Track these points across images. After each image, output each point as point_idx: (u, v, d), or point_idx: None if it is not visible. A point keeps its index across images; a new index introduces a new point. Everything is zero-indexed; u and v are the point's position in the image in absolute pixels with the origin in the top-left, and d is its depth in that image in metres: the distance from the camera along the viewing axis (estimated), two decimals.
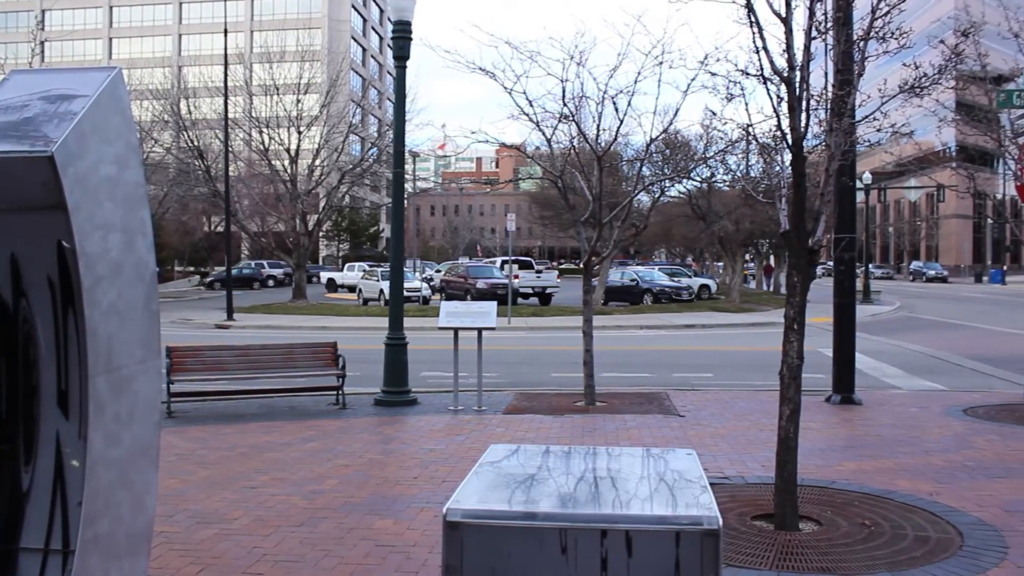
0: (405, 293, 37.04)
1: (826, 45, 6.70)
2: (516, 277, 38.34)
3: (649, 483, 2.96)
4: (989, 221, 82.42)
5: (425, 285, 40.14)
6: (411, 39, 12.38)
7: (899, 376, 15.43)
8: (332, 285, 55.21)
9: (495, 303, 12.53)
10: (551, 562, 2.51)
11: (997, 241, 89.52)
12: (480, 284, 36.44)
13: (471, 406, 11.61)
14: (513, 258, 42.91)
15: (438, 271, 52.06)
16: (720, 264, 55.77)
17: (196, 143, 39.28)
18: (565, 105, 11.94)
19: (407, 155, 44.55)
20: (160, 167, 43.42)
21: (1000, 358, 17.37)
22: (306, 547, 5.87)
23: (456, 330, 11.71)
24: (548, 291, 38.69)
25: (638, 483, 2.97)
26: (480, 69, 11.97)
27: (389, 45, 12.71)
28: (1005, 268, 75.93)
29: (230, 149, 34.62)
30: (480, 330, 11.72)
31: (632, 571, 2.47)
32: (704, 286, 43.57)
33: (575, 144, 12.72)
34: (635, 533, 2.47)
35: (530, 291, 38.62)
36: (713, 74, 6.94)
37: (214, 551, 5.79)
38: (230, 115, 33.99)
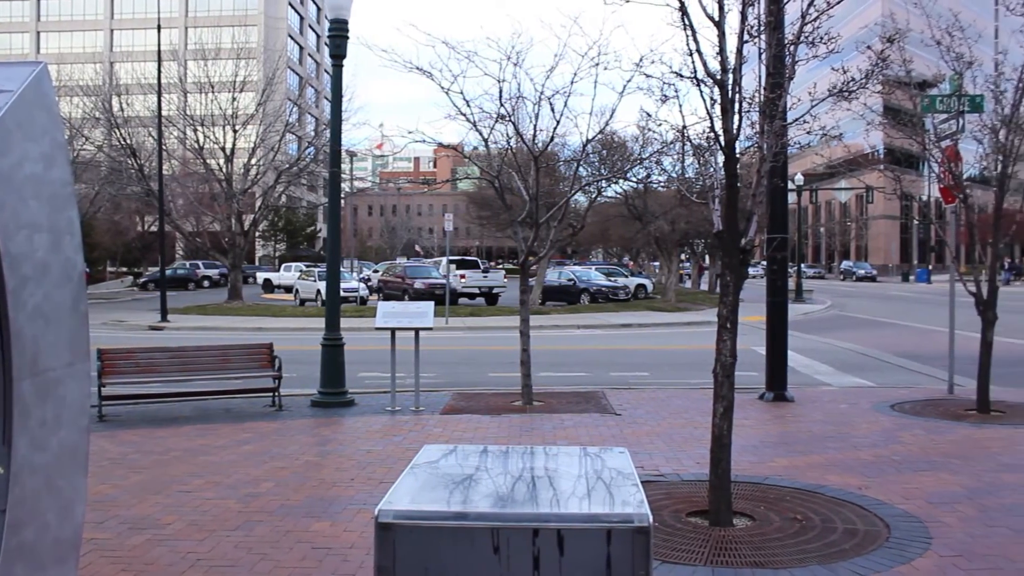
0: (342, 293, 36.67)
1: (759, 49, 6.82)
2: (463, 277, 38.22)
3: (581, 482, 2.98)
4: (915, 222, 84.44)
5: (362, 285, 39.88)
6: (348, 38, 12.30)
7: (830, 373, 15.75)
8: (269, 286, 54.62)
9: (432, 303, 12.52)
10: (483, 562, 2.52)
11: (923, 241, 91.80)
12: (418, 284, 36.29)
13: (408, 406, 11.58)
14: (460, 258, 42.77)
15: (376, 271, 51.78)
16: (656, 264, 56.36)
17: (129, 141, 38.49)
18: (502, 105, 11.97)
19: (344, 154, 44.12)
20: (91, 165, 42.45)
21: (925, 355, 17.82)
22: (241, 551, 5.80)
23: (393, 330, 11.66)
24: (495, 291, 38.59)
25: (570, 482, 2.99)
26: (417, 69, 11.93)
27: (326, 43, 12.60)
28: (930, 268, 77.93)
29: (164, 147, 34.00)
30: (417, 330, 11.69)
31: (564, 569, 2.49)
32: (641, 286, 43.95)
33: (512, 144, 12.75)
34: (567, 531, 2.49)
35: (476, 291, 38.50)
36: (648, 76, 7.05)
37: (146, 557, 5.69)
38: (164, 113, 33.38)
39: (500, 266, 76.42)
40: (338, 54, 12.25)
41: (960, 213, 12.17)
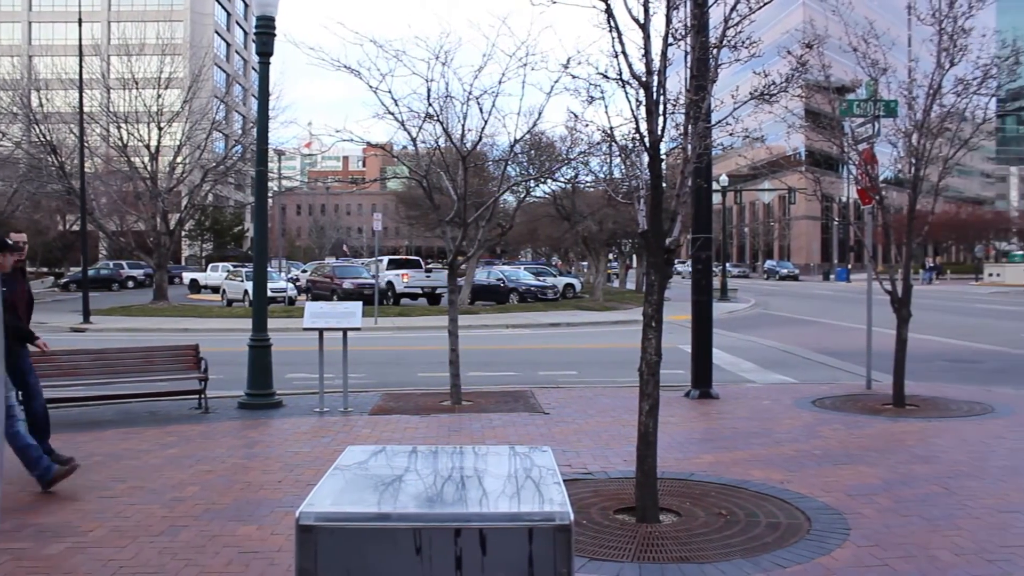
0: (270, 294, 36.05)
1: (685, 52, 6.95)
2: (405, 277, 37.94)
3: (505, 481, 3.01)
4: (835, 222, 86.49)
5: (291, 285, 39.45)
6: (275, 35, 12.17)
7: (754, 370, 16.07)
8: (195, 286, 53.71)
9: (361, 303, 12.46)
10: (405, 562, 2.53)
11: (843, 241, 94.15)
12: (347, 284, 36.03)
13: (337, 407, 11.51)
14: (403, 257, 42.44)
15: (304, 271, 51.28)
16: (585, 263, 56.79)
17: (48, 137, 37.44)
18: (430, 105, 11.97)
19: (272, 153, 43.45)
20: (9, 162, 41.25)
21: (845, 351, 18.29)
22: (166, 557, 5.71)
23: (321, 331, 11.59)
24: (438, 291, 38.26)
25: (494, 481, 3.01)
26: (345, 67, 11.86)
27: (253, 40, 12.43)
28: (850, 267, 79.95)
29: (86, 144, 33.18)
30: (345, 331, 11.63)
31: (486, 569, 2.51)
32: (569, 285, 44.25)
33: (441, 144, 12.75)
34: (489, 531, 2.51)
35: (419, 291, 38.19)
36: (574, 77, 7.10)
37: (66, 566, 5.56)
38: (86, 109, 32.58)
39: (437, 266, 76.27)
40: (265, 51, 12.11)
41: (877, 214, 12.51)
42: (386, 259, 41.19)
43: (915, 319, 12.23)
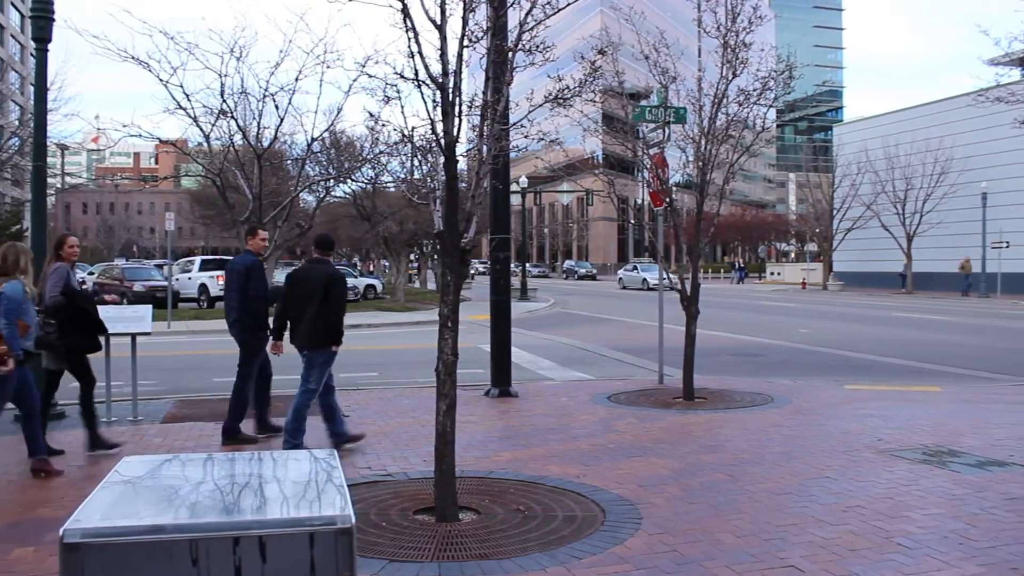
0: None
1: (486, 54, 7.00)
2: (221, 279, 36.30)
3: (288, 486, 2.93)
4: (630, 224, 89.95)
5: None
6: (53, 19, 11.39)
7: (553, 368, 16.45)
8: None
9: (151, 307, 11.88)
10: None
11: (638, 242, 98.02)
12: (138, 287, 34.29)
13: (126, 416, 10.93)
14: (217, 258, 40.57)
15: (91, 273, 48.53)
16: (386, 264, 56.54)
17: None
18: (224, 101, 11.60)
19: (54, 147, 40.71)
20: None
21: (640, 348, 19.02)
22: None
23: (108, 336, 10.95)
24: None
25: (277, 487, 2.93)
26: (133, 58, 11.30)
27: (30, 24, 11.62)
28: None
29: None
30: (134, 335, 11.06)
31: None
32: (370, 286, 43.88)
33: (235, 141, 12.36)
34: (268, 538, 2.43)
35: None
36: (371, 76, 7.03)
37: None
38: None
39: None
40: (42, 37, 11.30)
41: (667, 216, 13.06)
42: (199, 260, 39.41)
43: (704, 316, 12.86)
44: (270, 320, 9.49)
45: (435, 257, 52.74)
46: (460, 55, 6.26)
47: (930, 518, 6.41)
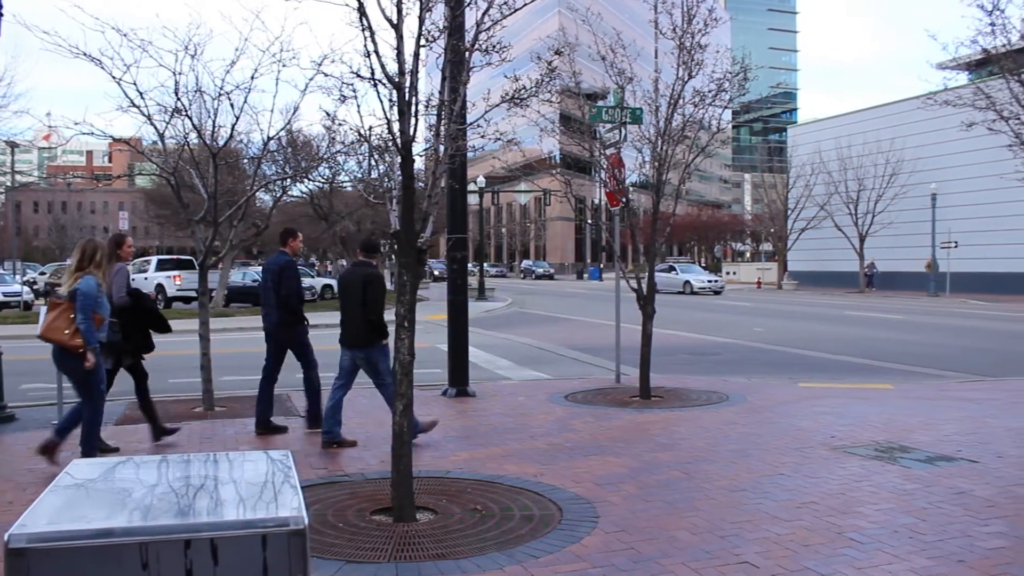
0: (3, 298, 33.35)
1: (443, 54, 6.99)
2: (178, 279, 35.76)
3: (241, 488, 2.90)
4: (588, 223, 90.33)
5: (26, 289, 36.51)
6: (1, 14, 11.18)
7: (510, 368, 16.47)
8: None
9: None
10: None
11: (595, 241, 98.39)
12: None
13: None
14: (174, 257, 39.96)
15: (43, 273, 47.82)
16: (344, 264, 56.22)
17: None
18: (179, 99, 11.46)
19: (4, 145, 40.01)
20: None
21: (597, 347, 19.11)
22: None
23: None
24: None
25: (230, 489, 2.90)
26: (85, 55, 11.11)
27: None
28: (602, 266, 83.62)
29: None
30: None
31: None
32: (328, 286, 43.64)
33: (190, 140, 12.22)
34: (220, 540, 2.41)
35: (195, 294, 35.89)
36: (327, 75, 6.99)
37: None
38: None
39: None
40: None
41: (624, 216, 13.14)
42: (155, 259, 38.83)
43: (661, 315, 12.95)
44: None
45: (392, 257, 52.61)
46: (416, 54, 6.24)
47: (881, 513, 6.52)
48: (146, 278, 36.35)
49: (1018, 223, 44.94)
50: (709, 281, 51.05)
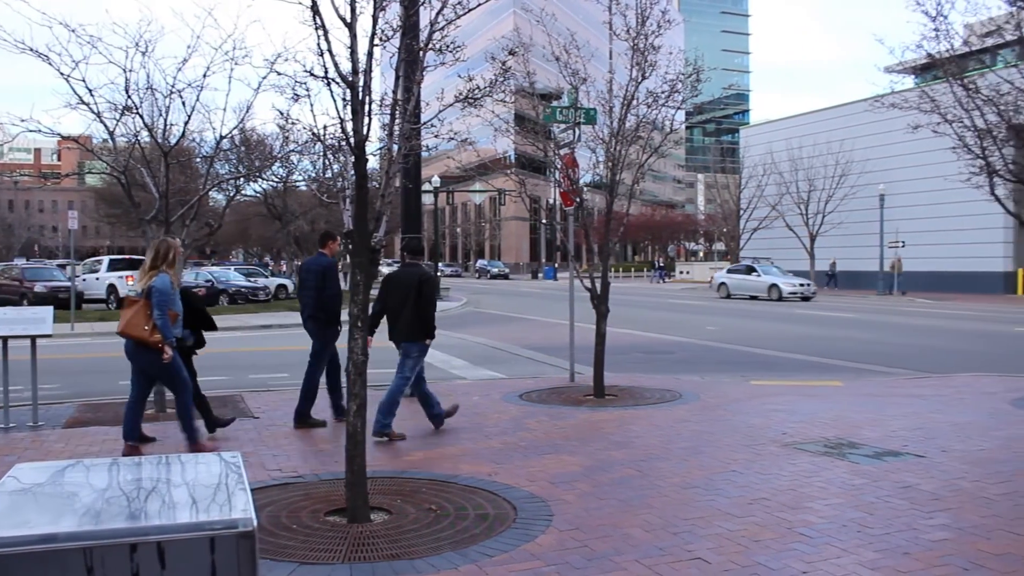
0: None
1: (397, 53, 6.98)
2: (130, 279, 35.18)
3: (190, 490, 2.87)
4: (542, 223, 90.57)
5: None
6: None
7: (465, 367, 16.47)
8: None
9: (52, 308, 11.51)
10: None
11: (550, 241, 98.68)
12: (39, 288, 33.17)
13: (25, 422, 10.58)
14: (126, 257, 39.28)
15: None
16: (299, 263, 55.84)
17: None
18: (129, 97, 11.32)
19: None
20: None
21: (551, 346, 19.18)
22: None
23: (5, 339, 10.59)
24: None
25: (178, 491, 2.86)
26: (31, 50, 10.92)
27: None
28: (557, 265, 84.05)
29: None
30: (34, 338, 10.71)
31: None
32: (282, 286, 43.28)
33: (140, 138, 12.07)
34: (167, 543, 2.38)
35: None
36: (279, 74, 6.96)
37: None
38: None
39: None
40: None
41: (578, 215, 13.20)
42: (107, 260, 38.17)
43: (615, 314, 13.04)
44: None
45: (346, 257, 52.38)
46: (370, 53, 6.24)
47: (831, 508, 6.63)
48: (97, 278, 35.77)
49: (963, 223, 45.86)
50: (802, 285, 41.87)
